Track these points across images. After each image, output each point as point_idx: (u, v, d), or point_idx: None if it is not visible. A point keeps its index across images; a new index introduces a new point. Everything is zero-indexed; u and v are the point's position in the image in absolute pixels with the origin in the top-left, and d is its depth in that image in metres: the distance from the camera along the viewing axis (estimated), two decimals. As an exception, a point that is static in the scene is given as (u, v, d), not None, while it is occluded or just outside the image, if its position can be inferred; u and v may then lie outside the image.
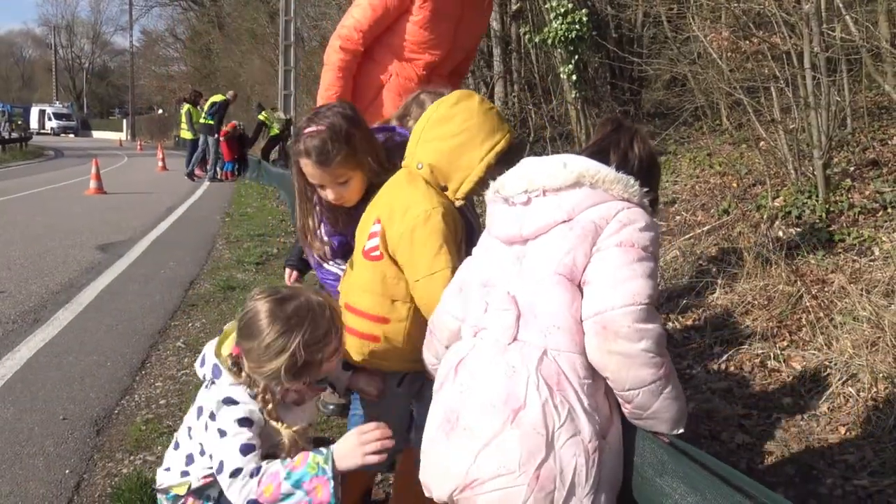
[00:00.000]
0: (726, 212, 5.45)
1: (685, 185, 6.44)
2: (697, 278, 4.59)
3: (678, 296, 4.53)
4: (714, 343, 3.93)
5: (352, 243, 2.17)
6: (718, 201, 5.72)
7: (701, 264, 4.90)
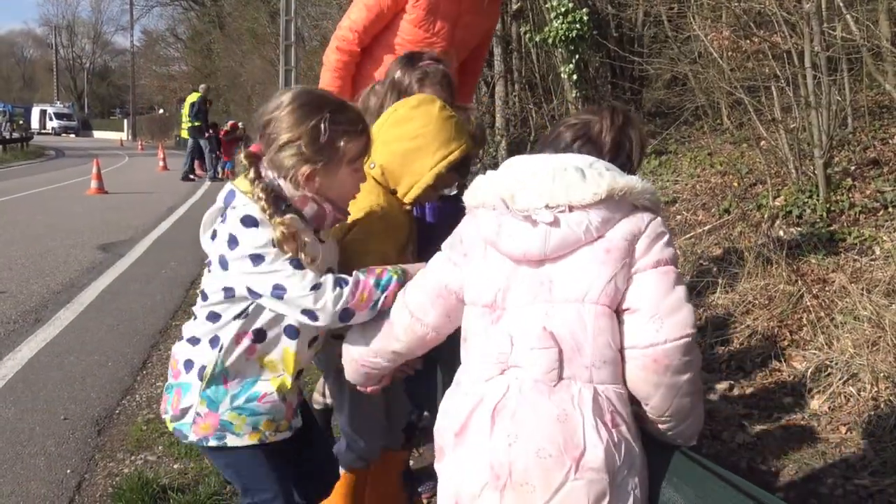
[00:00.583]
0: (727, 211, 5.44)
1: (686, 185, 6.43)
2: (698, 278, 4.59)
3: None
4: (715, 343, 3.94)
5: None
6: (719, 201, 5.72)
7: (702, 264, 4.89)
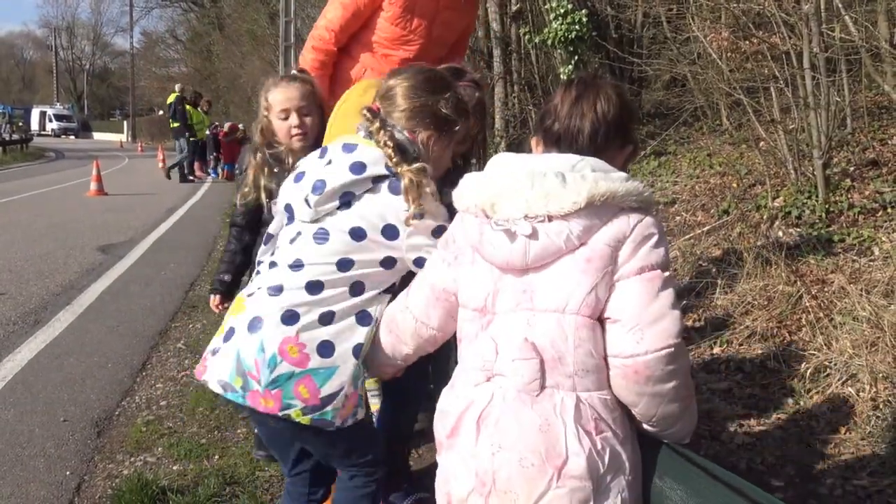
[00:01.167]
0: (726, 212, 5.45)
1: (685, 186, 6.44)
2: (697, 279, 4.59)
3: (678, 296, 4.52)
4: (714, 343, 3.94)
5: None
6: (718, 201, 5.72)
7: (701, 265, 4.90)
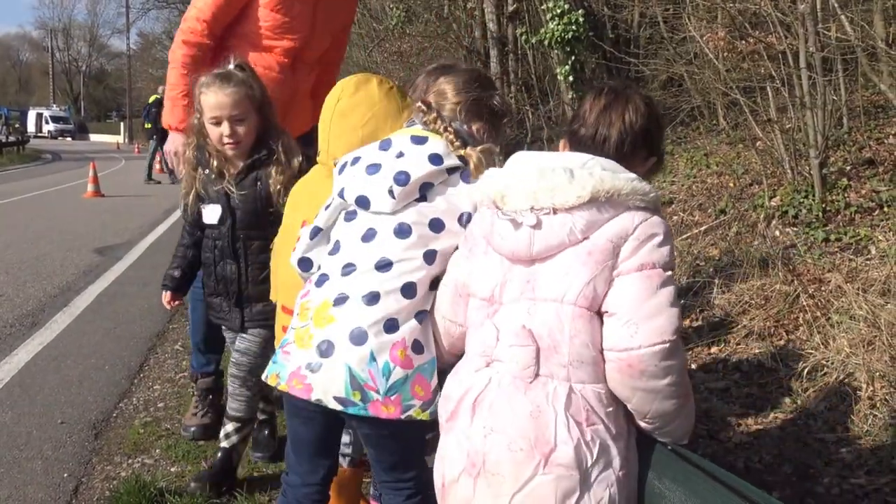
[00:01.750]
0: (723, 212, 5.45)
1: (682, 186, 6.44)
2: (695, 278, 4.60)
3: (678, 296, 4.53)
4: (712, 343, 3.94)
5: None
6: (715, 201, 5.73)
7: (698, 264, 4.90)
